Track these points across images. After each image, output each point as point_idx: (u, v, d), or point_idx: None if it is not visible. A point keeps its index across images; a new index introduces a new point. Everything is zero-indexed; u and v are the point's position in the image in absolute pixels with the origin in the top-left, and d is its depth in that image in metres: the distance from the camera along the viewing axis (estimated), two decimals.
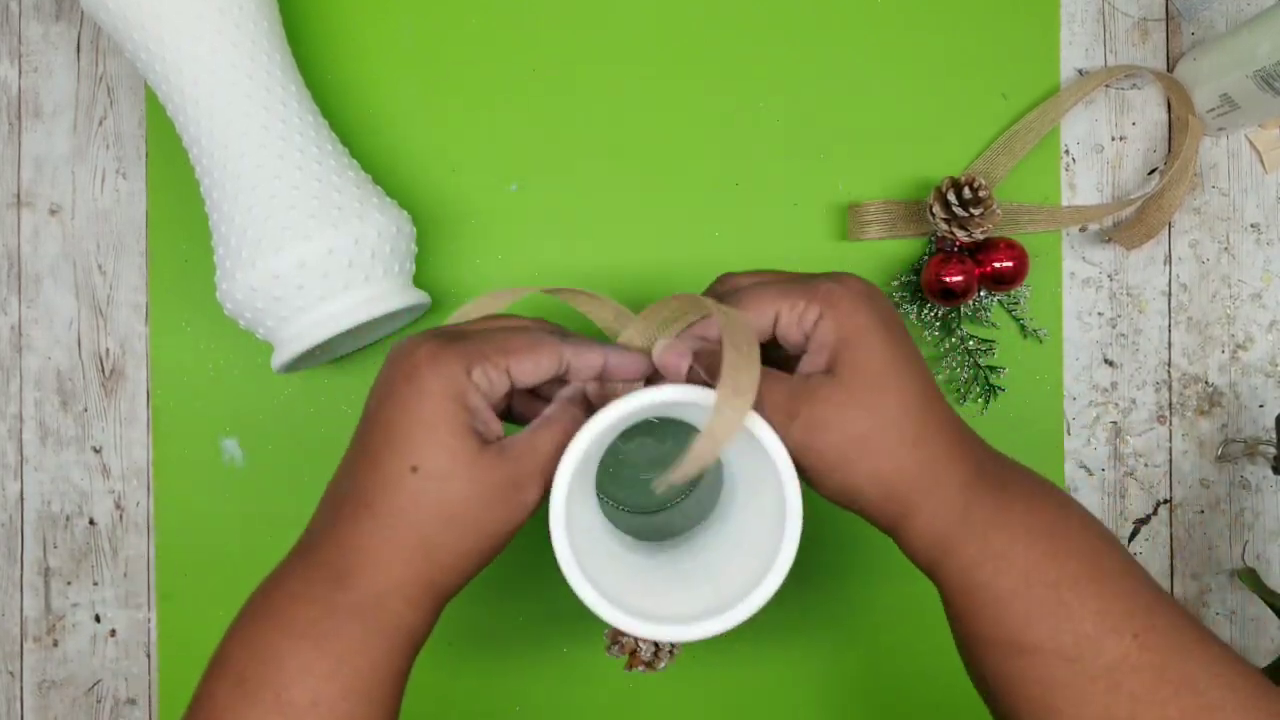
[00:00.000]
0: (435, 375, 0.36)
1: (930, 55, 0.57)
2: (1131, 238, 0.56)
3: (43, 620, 0.58)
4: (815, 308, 0.38)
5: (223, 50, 0.49)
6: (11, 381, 0.58)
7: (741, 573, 0.38)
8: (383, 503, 0.36)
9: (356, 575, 0.36)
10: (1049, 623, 0.36)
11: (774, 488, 0.37)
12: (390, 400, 0.37)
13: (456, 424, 0.36)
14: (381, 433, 0.37)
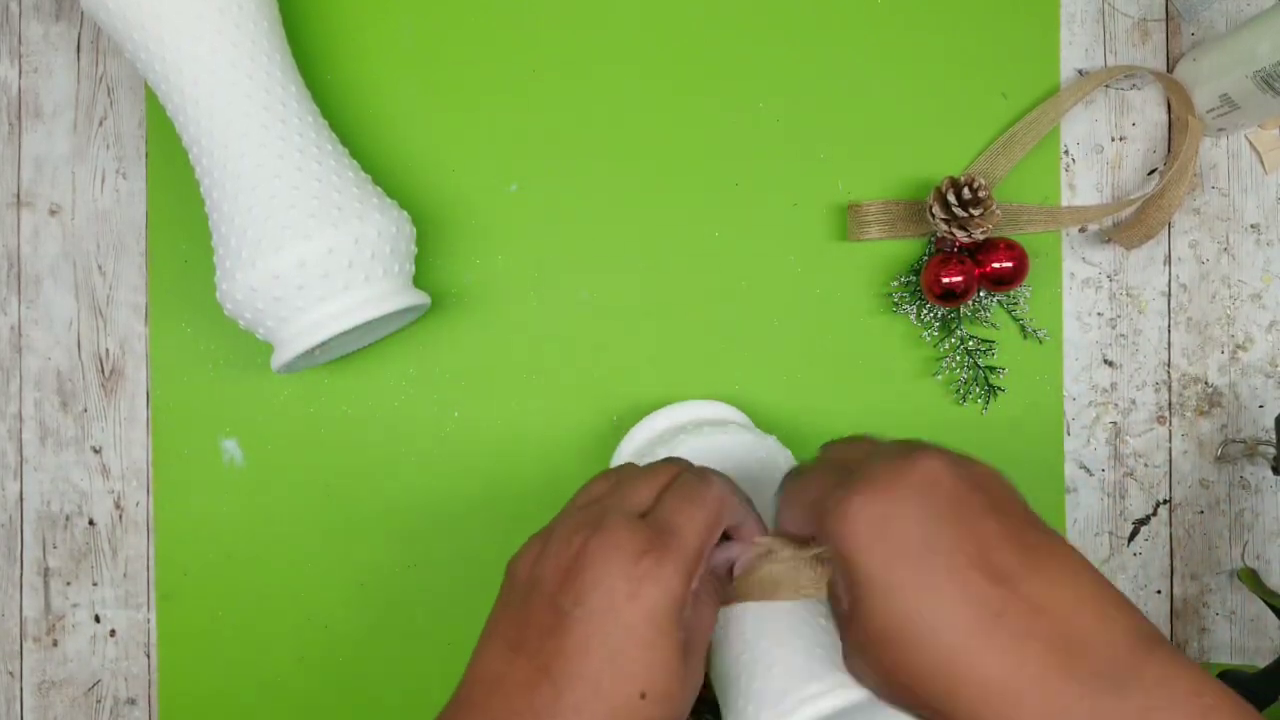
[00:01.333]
0: (663, 593, 0.34)
1: (930, 55, 0.57)
2: (1131, 238, 0.56)
3: (42, 620, 0.58)
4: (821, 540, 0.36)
5: (223, 50, 0.49)
6: (11, 382, 0.58)
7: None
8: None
9: None
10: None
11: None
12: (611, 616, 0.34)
13: (677, 643, 0.35)
14: (603, 657, 0.34)
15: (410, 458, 0.57)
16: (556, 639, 0.35)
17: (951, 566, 0.32)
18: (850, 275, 0.57)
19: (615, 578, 0.35)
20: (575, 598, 0.35)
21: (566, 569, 0.36)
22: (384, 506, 0.57)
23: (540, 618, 0.36)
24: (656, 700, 0.34)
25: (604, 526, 0.36)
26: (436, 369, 0.57)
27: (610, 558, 0.35)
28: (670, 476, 0.39)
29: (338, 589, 0.57)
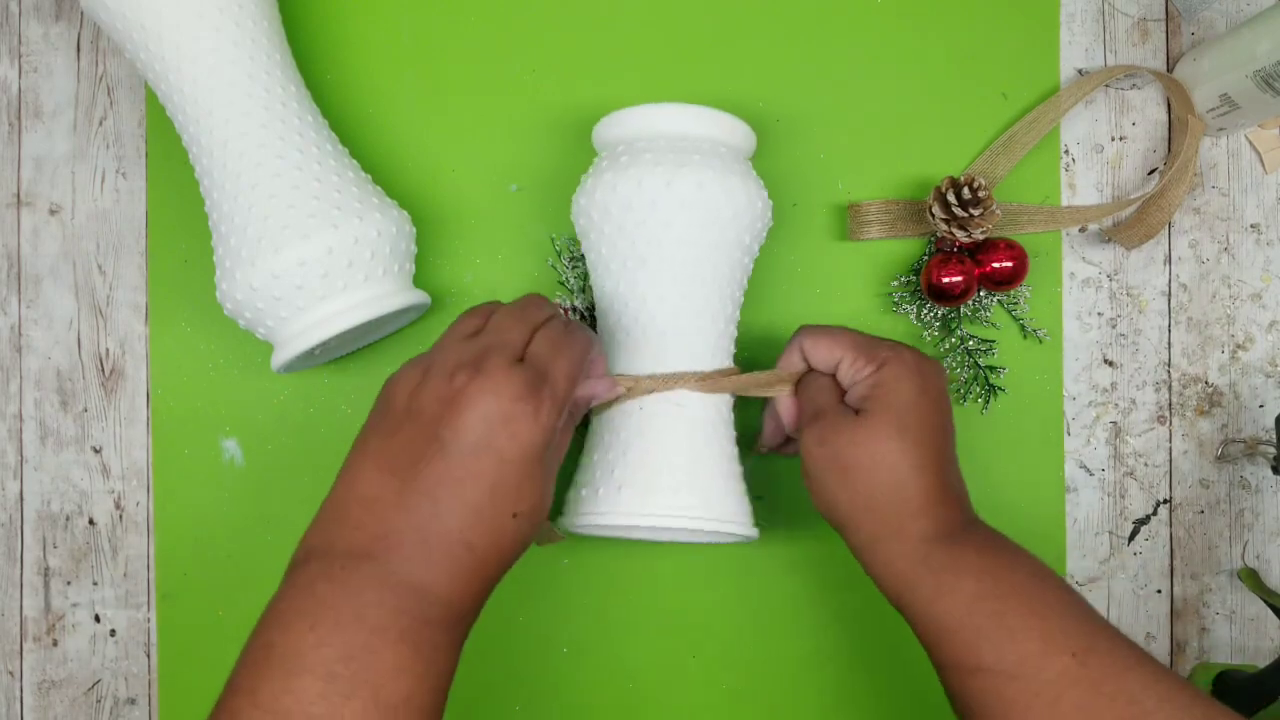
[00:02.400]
0: (538, 431, 0.39)
1: (930, 55, 0.57)
2: (1131, 238, 0.56)
3: (42, 620, 0.58)
4: (871, 366, 0.47)
5: (223, 50, 0.49)
6: (11, 382, 0.58)
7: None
8: (485, 545, 0.40)
9: (455, 600, 0.39)
10: (992, 645, 0.41)
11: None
12: (491, 454, 0.39)
13: (546, 472, 0.41)
14: (481, 484, 0.39)
15: None
16: (435, 467, 0.39)
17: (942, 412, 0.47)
18: (850, 275, 0.57)
19: (494, 418, 0.39)
20: (455, 432, 0.39)
21: (447, 402, 0.39)
22: None
23: (417, 446, 0.39)
24: (524, 517, 0.40)
25: (484, 368, 0.39)
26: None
27: (491, 399, 0.39)
28: (543, 317, 0.43)
29: None
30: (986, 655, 0.41)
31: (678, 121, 0.49)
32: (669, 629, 0.57)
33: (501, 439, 0.39)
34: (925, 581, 0.43)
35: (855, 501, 0.45)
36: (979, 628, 0.42)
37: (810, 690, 0.57)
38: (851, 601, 0.57)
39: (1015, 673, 0.40)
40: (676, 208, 0.47)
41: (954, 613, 0.42)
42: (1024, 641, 0.41)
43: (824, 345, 0.48)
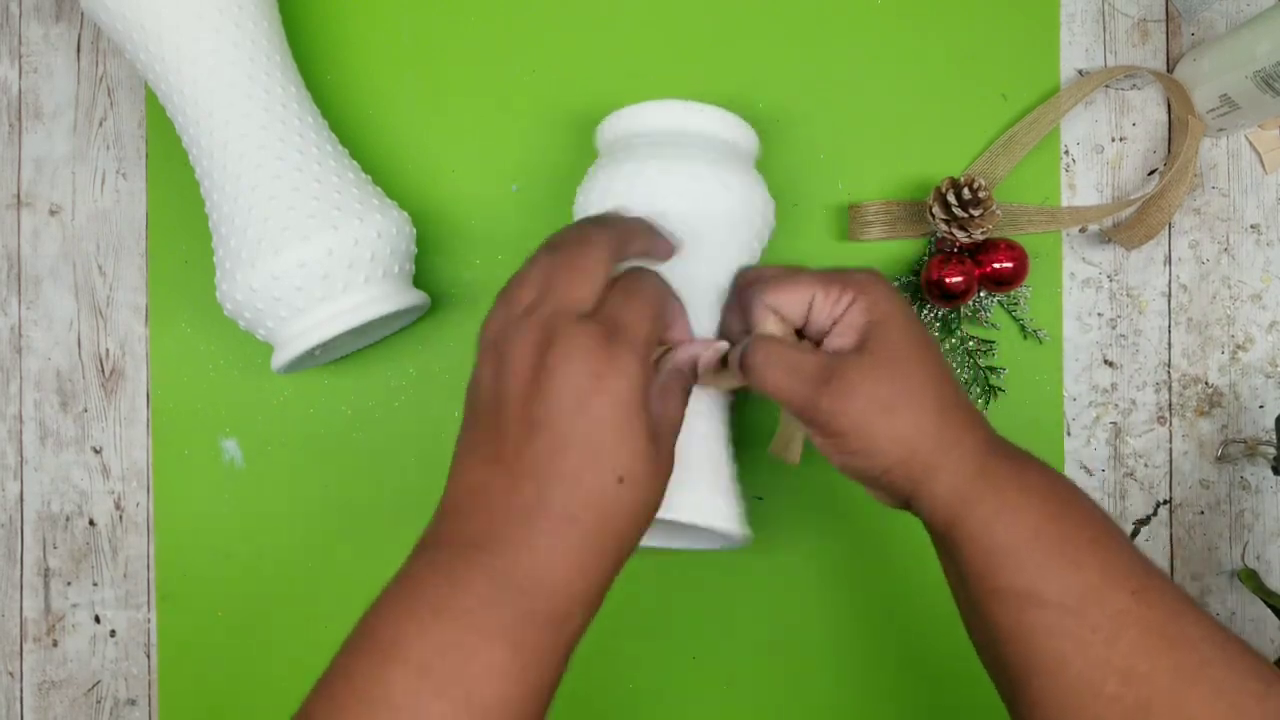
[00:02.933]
0: (625, 381, 0.37)
1: (930, 55, 0.57)
2: (1131, 238, 0.56)
3: (42, 620, 0.58)
4: (849, 294, 0.42)
5: (222, 50, 0.49)
6: (11, 382, 0.58)
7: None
8: (591, 518, 0.37)
9: (558, 590, 0.37)
10: (1057, 575, 0.38)
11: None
12: (582, 416, 0.37)
13: (647, 428, 0.38)
14: (579, 450, 0.37)
15: (410, 458, 0.57)
16: (533, 445, 0.37)
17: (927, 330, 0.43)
18: None
19: (578, 376, 0.37)
20: (547, 406, 0.37)
21: (530, 380, 0.37)
22: (384, 507, 0.57)
23: (514, 430, 0.37)
24: (632, 484, 0.37)
25: (555, 337, 0.37)
26: (437, 369, 0.57)
27: (571, 360, 0.37)
28: (602, 268, 0.40)
29: (338, 588, 0.57)
30: (1048, 585, 0.38)
31: (675, 117, 0.48)
32: (668, 629, 0.57)
33: (590, 396, 0.37)
34: (986, 498, 0.40)
35: (906, 439, 0.41)
36: (1044, 554, 0.39)
37: (811, 690, 0.57)
38: (853, 601, 0.57)
39: (1076, 607, 0.38)
40: (673, 199, 0.46)
41: (1017, 535, 0.39)
42: (1087, 574, 0.38)
43: (787, 293, 0.43)
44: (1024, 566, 0.39)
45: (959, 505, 0.40)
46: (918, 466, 0.41)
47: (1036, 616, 0.38)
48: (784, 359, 0.42)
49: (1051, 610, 0.38)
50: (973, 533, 0.40)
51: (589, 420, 0.37)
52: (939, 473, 0.41)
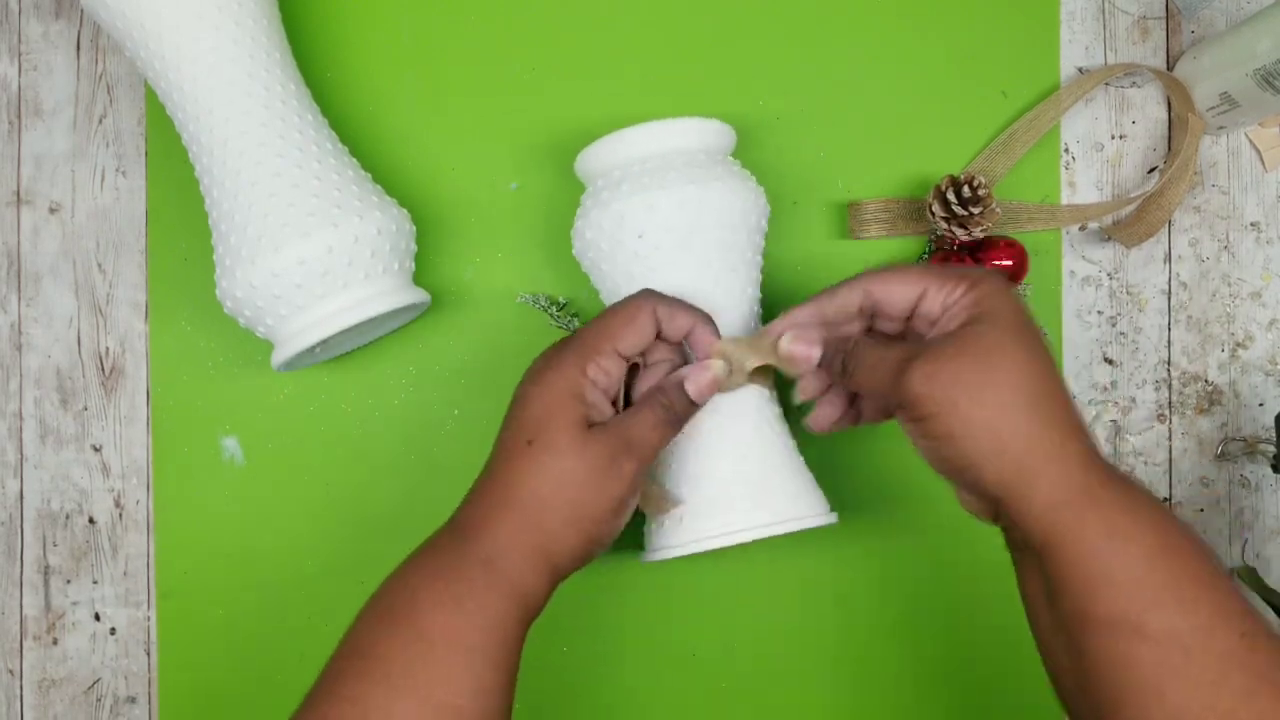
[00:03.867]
0: (558, 376, 0.44)
1: (930, 53, 0.57)
2: (1131, 236, 0.56)
3: (42, 618, 0.58)
4: (962, 286, 0.42)
5: (223, 48, 0.49)
6: (11, 380, 0.58)
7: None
8: (503, 472, 0.44)
9: (480, 531, 0.43)
10: (1170, 608, 0.37)
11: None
12: (518, 402, 0.44)
13: (572, 415, 0.43)
14: (510, 425, 0.44)
15: (411, 456, 0.57)
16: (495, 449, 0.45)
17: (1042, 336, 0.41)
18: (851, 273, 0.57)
19: (528, 374, 0.45)
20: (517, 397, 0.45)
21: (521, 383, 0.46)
22: (384, 504, 0.57)
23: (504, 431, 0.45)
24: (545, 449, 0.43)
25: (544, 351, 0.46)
26: (437, 367, 0.57)
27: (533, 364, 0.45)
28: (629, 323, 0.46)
29: (337, 587, 0.57)
30: (1157, 619, 0.37)
31: (646, 142, 0.49)
32: (668, 628, 0.57)
33: (528, 384, 0.45)
34: (1092, 520, 0.38)
35: (997, 429, 0.39)
36: (1155, 587, 0.37)
37: (811, 690, 0.57)
38: (854, 601, 0.57)
39: (1186, 644, 0.36)
40: (664, 231, 0.47)
41: (1128, 564, 0.37)
42: (1197, 612, 0.37)
43: (896, 280, 0.43)
44: (1133, 598, 0.37)
45: (1061, 522, 0.38)
46: (1010, 466, 0.39)
47: (1140, 649, 0.37)
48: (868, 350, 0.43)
49: (1159, 645, 0.37)
50: (1077, 555, 0.38)
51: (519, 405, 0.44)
52: (1037, 481, 0.39)
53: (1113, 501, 0.39)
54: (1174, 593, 0.37)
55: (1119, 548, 0.38)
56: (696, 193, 0.47)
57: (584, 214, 0.50)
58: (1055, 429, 0.39)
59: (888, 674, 0.57)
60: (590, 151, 0.50)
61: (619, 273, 0.49)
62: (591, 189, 0.51)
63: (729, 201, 0.48)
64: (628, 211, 0.47)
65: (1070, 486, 0.39)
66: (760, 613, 0.57)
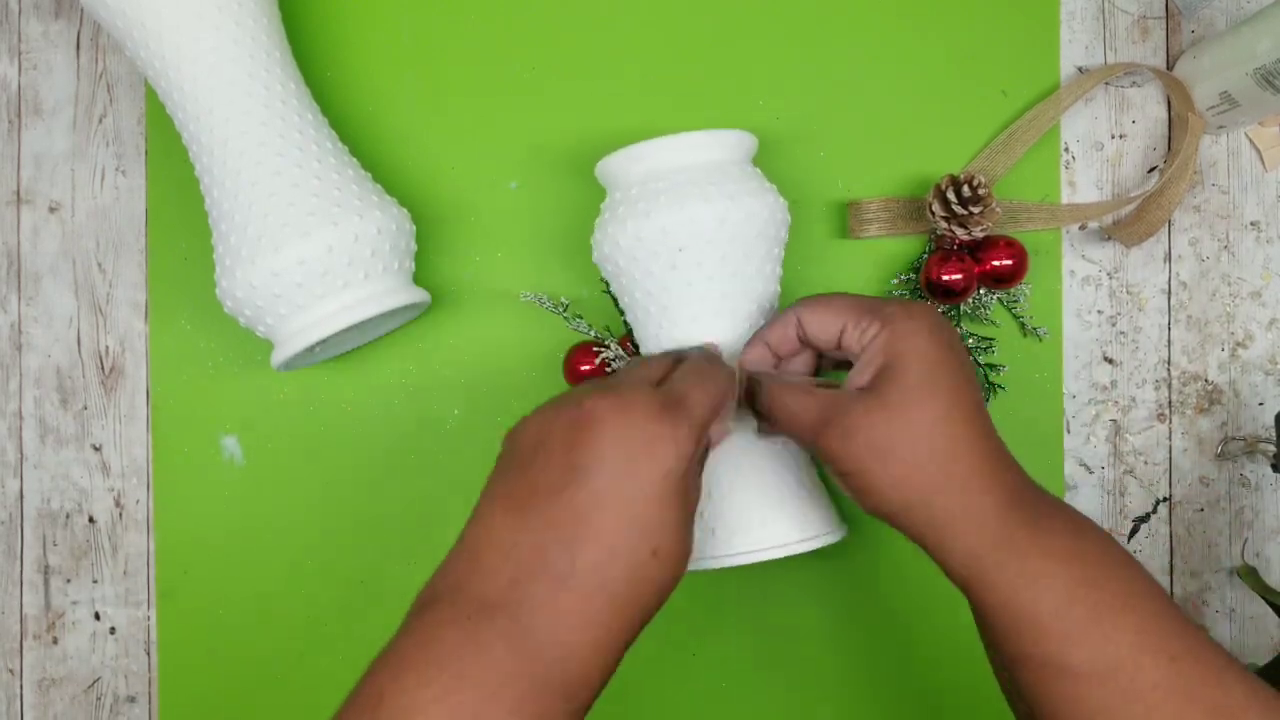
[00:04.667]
0: (676, 455, 0.36)
1: (930, 52, 0.57)
2: (1131, 235, 0.56)
3: (42, 618, 0.58)
4: (875, 325, 0.41)
5: (223, 47, 0.49)
6: (11, 380, 0.58)
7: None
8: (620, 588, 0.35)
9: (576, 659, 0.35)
10: (1089, 644, 0.37)
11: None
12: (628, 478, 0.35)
13: (688, 505, 0.37)
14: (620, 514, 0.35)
15: (410, 455, 0.57)
16: (568, 496, 0.35)
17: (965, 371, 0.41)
18: (850, 273, 0.57)
19: (633, 439, 0.35)
20: (591, 456, 0.35)
21: (580, 426, 0.36)
22: (384, 504, 0.57)
23: (549, 477, 0.36)
24: (664, 559, 0.36)
25: (618, 389, 0.37)
26: (437, 366, 0.57)
27: (626, 417, 0.36)
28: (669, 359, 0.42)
29: (338, 586, 0.57)
30: (1078, 654, 0.37)
31: (684, 152, 0.48)
32: (667, 626, 0.57)
33: (641, 461, 0.35)
34: (1009, 566, 0.38)
35: (907, 486, 0.39)
36: (1074, 622, 0.37)
37: (810, 690, 0.57)
38: (854, 600, 0.57)
39: (1108, 677, 0.36)
40: (705, 245, 0.47)
41: (1046, 604, 0.37)
42: (1120, 642, 0.37)
43: (820, 313, 0.43)
44: (1051, 636, 0.37)
45: (978, 568, 0.39)
46: (922, 516, 0.39)
47: (1066, 686, 0.37)
48: (785, 402, 0.42)
49: (1082, 681, 0.37)
50: (997, 600, 0.38)
51: (634, 484, 0.35)
52: (952, 529, 0.39)
53: (1030, 545, 0.39)
54: (1093, 626, 0.37)
55: (1038, 591, 0.38)
56: (735, 206, 0.47)
57: (617, 222, 0.49)
58: (969, 479, 0.39)
59: (889, 674, 0.57)
60: (621, 157, 0.49)
61: (653, 284, 0.49)
62: (623, 197, 0.49)
63: (762, 213, 0.48)
64: (670, 225, 0.47)
65: (984, 538, 0.39)
66: (760, 611, 0.57)
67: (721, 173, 0.48)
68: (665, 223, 0.47)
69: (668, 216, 0.47)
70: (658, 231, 0.47)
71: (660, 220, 0.47)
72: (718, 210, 0.47)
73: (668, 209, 0.47)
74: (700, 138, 0.48)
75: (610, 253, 0.49)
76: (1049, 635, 0.37)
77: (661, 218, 0.47)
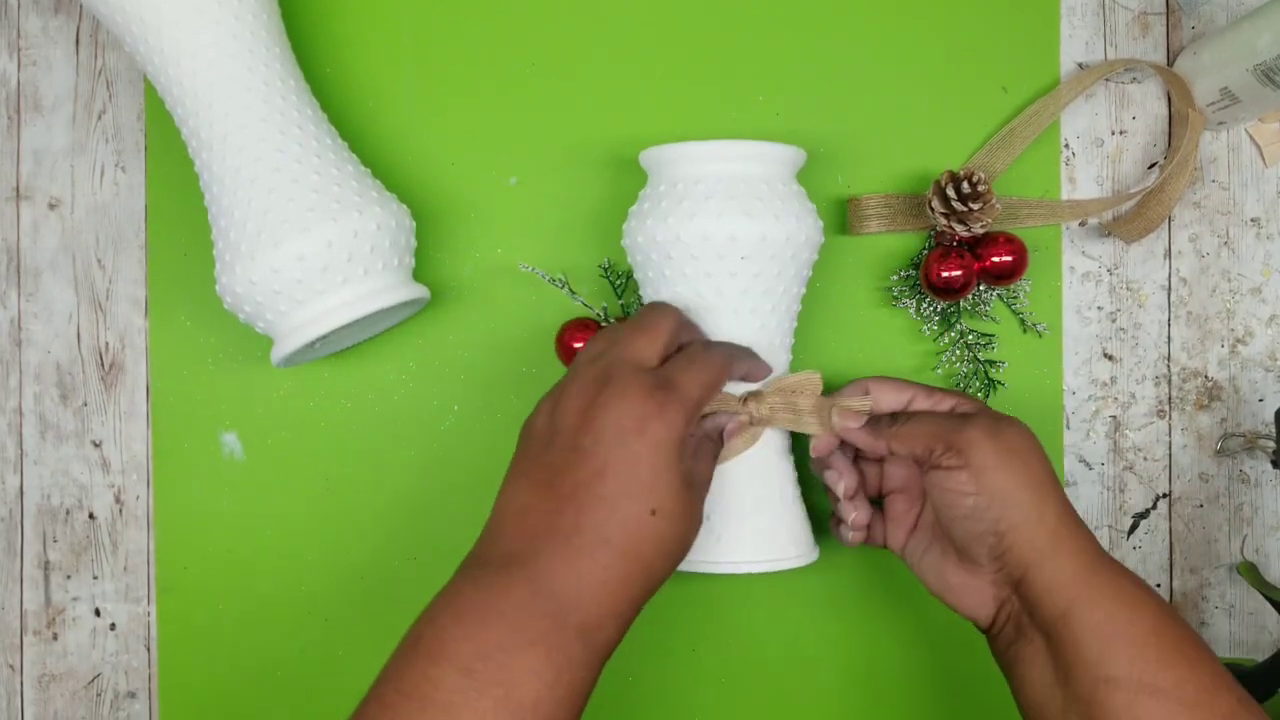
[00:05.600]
0: (666, 429, 0.41)
1: (930, 49, 0.57)
2: (1131, 232, 0.56)
3: (43, 614, 0.58)
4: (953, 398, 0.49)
5: (222, 43, 0.49)
6: (11, 376, 0.58)
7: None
8: (623, 541, 0.41)
9: (589, 603, 0.40)
10: (1179, 667, 0.41)
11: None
12: (621, 449, 0.41)
13: (682, 472, 0.42)
14: (618, 479, 0.41)
15: (410, 451, 0.57)
16: (578, 472, 0.41)
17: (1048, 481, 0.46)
18: (850, 269, 0.57)
19: (626, 415, 0.41)
20: (593, 437, 0.41)
21: (583, 413, 0.42)
22: (384, 500, 0.57)
23: (562, 457, 0.42)
24: (664, 517, 0.41)
25: (614, 379, 0.42)
26: (436, 363, 0.57)
27: (622, 400, 0.41)
28: (667, 333, 0.45)
29: (338, 582, 0.57)
30: (1167, 677, 0.41)
31: (739, 159, 0.48)
32: (666, 625, 0.57)
33: (632, 435, 0.41)
34: (1107, 589, 0.43)
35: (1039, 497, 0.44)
36: (1163, 648, 0.42)
37: (810, 688, 0.57)
38: (855, 600, 0.57)
39: (1193, 701, 0.41)
40: (740, 260, 0.48)
41: (1139, 626, 0.42)
42: (1200, 673, 0.41)
43: (891, 385, 0.49)
44: (1146, 656, 0.41)
45: (1080, 589, 0.43)
46: (1044, 533, 0.44)
47: (1152, 705, 0.41)
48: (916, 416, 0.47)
49: (1171, 700, 0.41)
50: (1095, 620, 0.42)
51: (629, 454, 0.41)
52: (1059, 552, 0.44)
53: (1120, 574, 0.44)
54: (1180, 654, 0.42)
55: (1131, 614, 0.42)
56: (779, 226, 0.48)
57: (658, 216, 0.48)
58: (1070, 513, 0.45)
59: (889, 674, 0.57)
60: (674, 151, 0.49)
61: (685, 286, 0.49)
62: (668, 190, 0.49)
63: (800, 235, 0.49)
64: (713, 233, 0.47)
65: (1088, 558, 0.44)
66: (760, 611, 0.57)
67: (769, 188, 0.48)
68: (708, 229, 0.47)
69: (712, 224, 0.47)
70: (699, 236, 0.47)
71: (703, 225, 0.47)
72: (762, 227, 0.47)
73: (713, 216, 0.47)
74: (757, 148, 0.48)
75: (645, 245, 0.49)
76: (1142, 655, 0.41)
77: (705, 223, 0.47)
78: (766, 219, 0.47)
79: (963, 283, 0.54)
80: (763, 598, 0.57)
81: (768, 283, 0.49)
